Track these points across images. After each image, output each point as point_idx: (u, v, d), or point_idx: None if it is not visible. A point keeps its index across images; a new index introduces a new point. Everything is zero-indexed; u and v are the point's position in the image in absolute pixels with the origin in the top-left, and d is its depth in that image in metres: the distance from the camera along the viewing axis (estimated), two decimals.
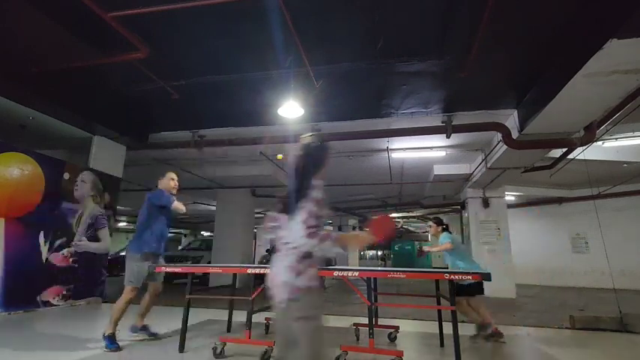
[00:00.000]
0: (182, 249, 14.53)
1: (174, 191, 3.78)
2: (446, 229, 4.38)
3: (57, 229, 5.59)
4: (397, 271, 3.11)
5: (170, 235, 24.79)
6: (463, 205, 10.12)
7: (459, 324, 2.97)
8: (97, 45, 4.38)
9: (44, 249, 5.38)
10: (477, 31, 3.79)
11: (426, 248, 4.96)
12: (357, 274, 3.12)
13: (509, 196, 11.26)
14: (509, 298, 8.14)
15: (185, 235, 26.56)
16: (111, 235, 6.59)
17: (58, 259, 5.58)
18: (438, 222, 4.42)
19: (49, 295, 5.41)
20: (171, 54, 4.67)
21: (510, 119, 5.66)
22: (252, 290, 3.28)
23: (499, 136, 5.88)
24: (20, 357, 3.02)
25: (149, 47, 4.24)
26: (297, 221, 1.53)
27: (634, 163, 8.05)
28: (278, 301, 1.51)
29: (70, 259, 5.77)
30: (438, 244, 4.34)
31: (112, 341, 3.25)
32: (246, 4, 3.61)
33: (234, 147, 6.96)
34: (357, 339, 3.85)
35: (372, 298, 3.23)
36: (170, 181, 3.77)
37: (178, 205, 3.57)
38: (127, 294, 3.38)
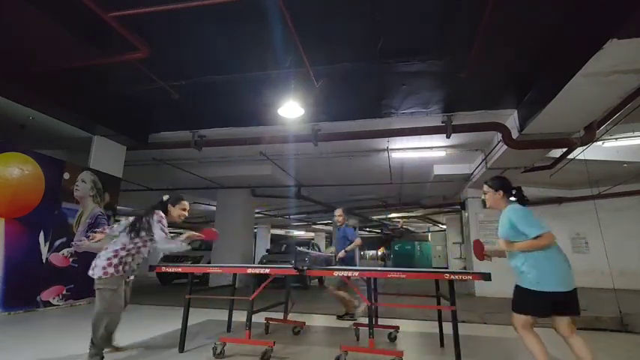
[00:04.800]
0: None
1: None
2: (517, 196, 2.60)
3: (57, 229, 5.58)
4: (397, 271, 3.11)
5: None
6: (463, 205, 10.12)
7: (459, 324, 2.97)
8: (97, 45, 4.39)
9: (44, 249, 5.38)
10: (477, 31, 3.79)
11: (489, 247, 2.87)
12: (357, 274, 3.12)
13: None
14: (509, 298, 8.11)
15: None
16: None
17: (58, 259, 5.57)
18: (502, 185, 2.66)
19: (49, 295, 5.41)
20: (172, 54, 4.67)
21: (510, 119, 5.66)
22: (252, 290, 3.27)
23: (499, 136, 5.88)
24: (20, 357, 3.02)
25: (149, 47, 4.25)
26: None
27: (634, 163, 8.05)
28: None
29: (70, 259, 5.77)
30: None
31: None
32: (246, 5, 3.61)
33: (234, 147, 6.96)
34: (357, 339, 3.85)
35: (372, 298, 3.23)
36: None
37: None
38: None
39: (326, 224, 21.82)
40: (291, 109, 5.12)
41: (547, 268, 2.31)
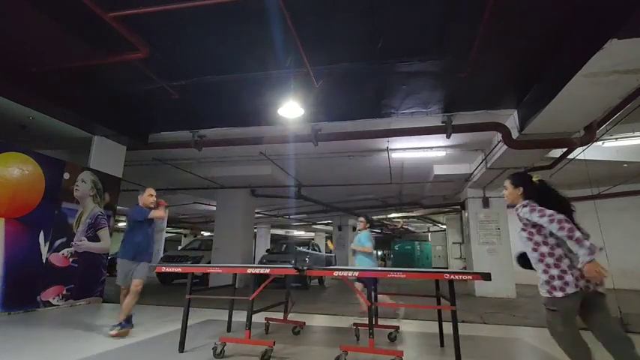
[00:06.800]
0: (182, 249, 14.53)
1: (152, 206, 4.11)
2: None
3: (57, 229, 5.58)
4: (397, 271, 3.11)
5: (169, 235, 24.93)
6: (463, 205, 10.13)
7: (459, 324, 2.97)
8: (97, 45, 4.38)
9: (44, 249, 5.38)
10: (476, 31, 3.79)
11: None
12: (357, 274, 3.12)
13: None
14: (509, 298, 8.15)
15: (185, 235, 26.59)
16: (111, 235, 6.58)
17: (58, 259, 5.57)
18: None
19: (49, 295, 5.41)
20: (172, 54, 4.67)
21: (510, 119, 5.66)
22: (252, 290, 3.27)
23: (499, 136, 5.88)
24: (20, 357, 3.02)
25: (149, 47, 4.25)
26: None
27: (634, 163, 8.05)
28: None
29: (70, 259, 5.77)
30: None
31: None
32: (246, 5, 3.61)
33: (234, 147, 6.96)
34: (357, 339, 3.85)
35: (372, 298, 3.23)
36: (149, 197, 4.11)
37: (155, 214, 4.01)
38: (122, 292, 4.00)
39: (326, 224, 21.82)
40: (291, 109, 5.12)
41: None
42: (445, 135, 6.01)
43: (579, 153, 6.17)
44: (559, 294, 2.01)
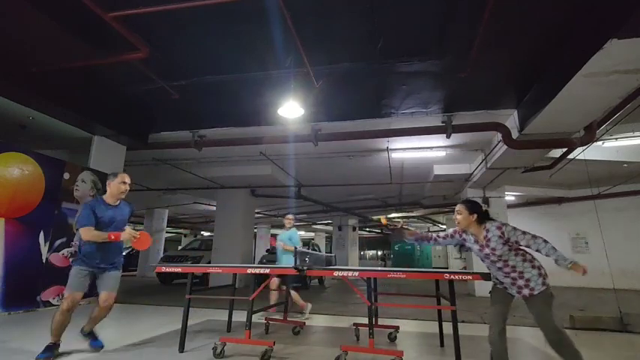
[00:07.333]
0: (182, 249, 14.53)
1: (123, 196, 3.22)
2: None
3: (57, 229, 5.58)
4: (397, 271, 3.11)
5: (169, 235, 24.91)
6: None
7: (459, 324, 2.97)
8: (97, 45, 4.39)
9: (44, 249, 5.38)
10: (476, 31, 3.79)
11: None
12: (357, 274, 3.12)
13: (509, 196, 11.25)
14: None
15: (185, 235, 26.60)
16: None
17: (58, 259, 5.57)
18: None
19: (49, 295, 5.41)
20: (171, 54, 4.67)
21: (510, 119, 5.66)
22: (252, 290, 3.27)
23: (499, 136, 5.88)
24: (20, 357, 3.02)
25: (149, 47, 4.24)
26: None
27: (634, 163, 8.05)
28: None
29: (70, 259, 5.77)
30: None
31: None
32: (246, 5, 3.61)
33: (234, 147, 6.96)
34: (357, 339, 3.85)
35: (372, 298, 3.23)
36: (121, 184, 3.17)
37: (85, 234, 2.97)
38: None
39: (326, 224, 21.82)
40: (291, 109, 5.11)
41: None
42: (445, 135, 6.01)
43: (579, 153, 6.17)
44: (547, 281, 2.58)
